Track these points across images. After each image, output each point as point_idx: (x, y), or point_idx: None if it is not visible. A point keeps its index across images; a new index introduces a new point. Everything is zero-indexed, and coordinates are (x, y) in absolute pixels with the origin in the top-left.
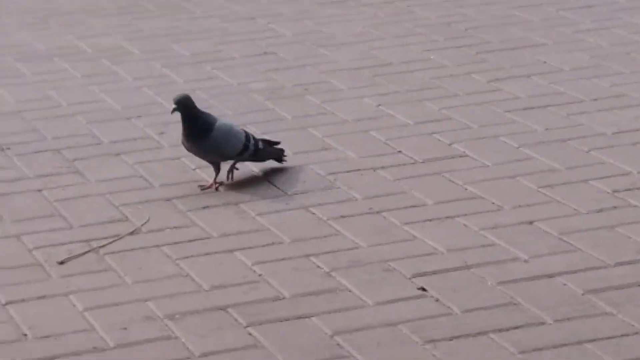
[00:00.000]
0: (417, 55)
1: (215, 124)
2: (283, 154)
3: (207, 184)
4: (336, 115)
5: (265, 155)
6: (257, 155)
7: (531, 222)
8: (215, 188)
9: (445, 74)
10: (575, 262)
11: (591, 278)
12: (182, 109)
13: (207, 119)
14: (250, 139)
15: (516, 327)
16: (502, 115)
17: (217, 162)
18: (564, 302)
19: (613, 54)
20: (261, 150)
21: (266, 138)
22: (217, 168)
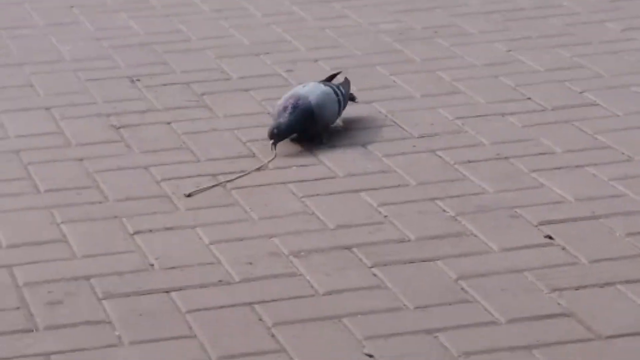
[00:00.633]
0: (550, 0)
1: (314, 95)
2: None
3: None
4: (465, 59)
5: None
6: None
7: None
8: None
9: (578, 20)
10: None
11: None
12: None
13: (302, 86)
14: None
15: None
16: (635, 65)
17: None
18: None
19: None
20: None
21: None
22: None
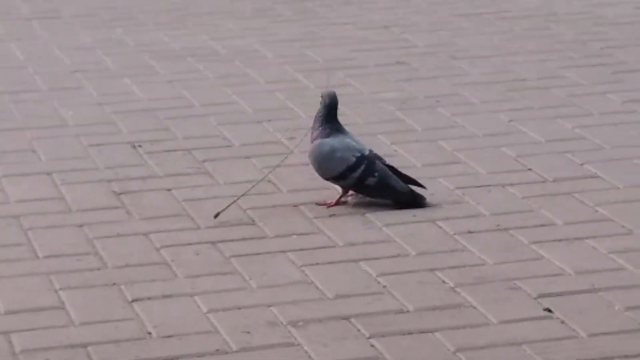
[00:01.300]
0: (553, 71)
1: (322, 140)
2: (419, 200)
3: (326, 202)
4: (467, 129)
5: (380, 193)
6: (364, 188)
7: None
8: (330, 204)
9: (580, 92)
10: None
11: None
12: (322, 102)
13: (325, 130)
14: (363, 167)
15: None
16: (637, 137)
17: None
18: None
19: None
20: (372, 187)
21: (410, 178)
22: (342, 188)
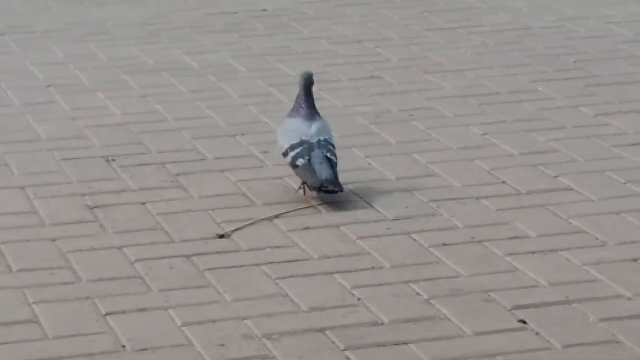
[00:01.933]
0: (525, 85)
1: (286, 118)
2: (321, 188)
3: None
4: (441, 142)
5: (303, 174)
6: (295, 167)
7: (636, 260)
8: (299, 189)
9: (552, 105)
10: None
11: None
12: (300, 81)
13: (294, 109)
14: (300, 149)
15: None
16: (609, 150)
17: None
18: None
19: None
20: (300, 168)
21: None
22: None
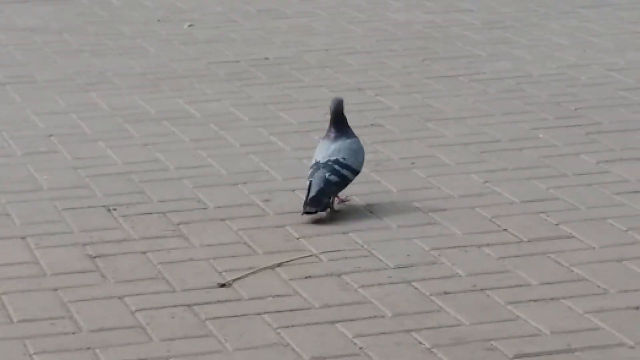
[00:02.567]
0: (526, 133)
1: (321, 138)
2: (306, 208)
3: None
4: (442, 190)
5: (315, 189)
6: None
7: (637, 308)
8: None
9: (554, 153)
10: None
11: None
12: (330, 106)
13: (329, 130)
14: (316, 167)
15: None
16: (611, 198)
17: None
18: None
19: None
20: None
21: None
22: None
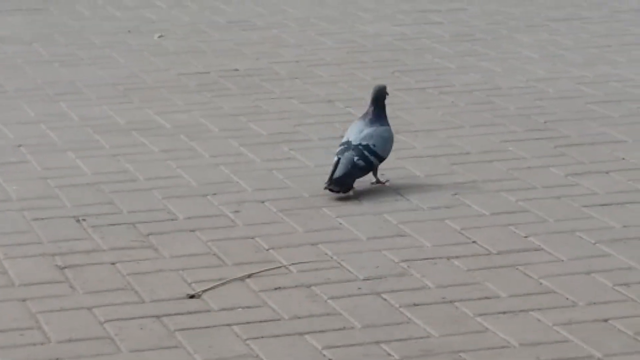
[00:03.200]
0: (496, 145)
1: (358, 118)
2: (327, 185)
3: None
4: (412, 202)
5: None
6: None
7: (606, 320)
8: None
9: (523, 165)
10: None
11: None
12: (372, 93)
13: (368, 112)
14: (347, 146)
15: None
16: (579, 211)
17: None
18: None
19: None
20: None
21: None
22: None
